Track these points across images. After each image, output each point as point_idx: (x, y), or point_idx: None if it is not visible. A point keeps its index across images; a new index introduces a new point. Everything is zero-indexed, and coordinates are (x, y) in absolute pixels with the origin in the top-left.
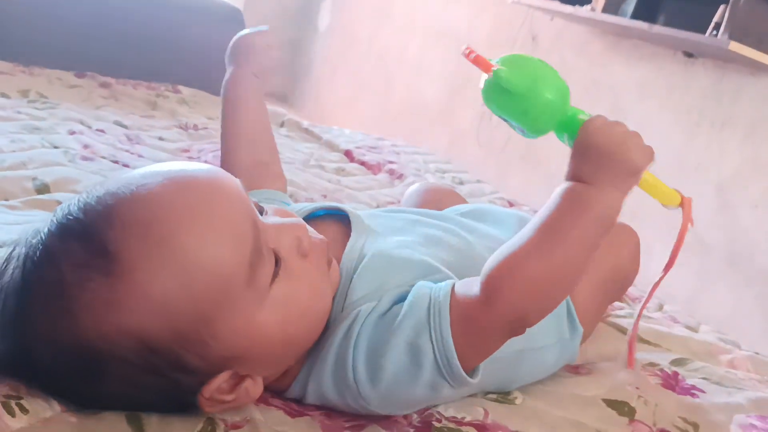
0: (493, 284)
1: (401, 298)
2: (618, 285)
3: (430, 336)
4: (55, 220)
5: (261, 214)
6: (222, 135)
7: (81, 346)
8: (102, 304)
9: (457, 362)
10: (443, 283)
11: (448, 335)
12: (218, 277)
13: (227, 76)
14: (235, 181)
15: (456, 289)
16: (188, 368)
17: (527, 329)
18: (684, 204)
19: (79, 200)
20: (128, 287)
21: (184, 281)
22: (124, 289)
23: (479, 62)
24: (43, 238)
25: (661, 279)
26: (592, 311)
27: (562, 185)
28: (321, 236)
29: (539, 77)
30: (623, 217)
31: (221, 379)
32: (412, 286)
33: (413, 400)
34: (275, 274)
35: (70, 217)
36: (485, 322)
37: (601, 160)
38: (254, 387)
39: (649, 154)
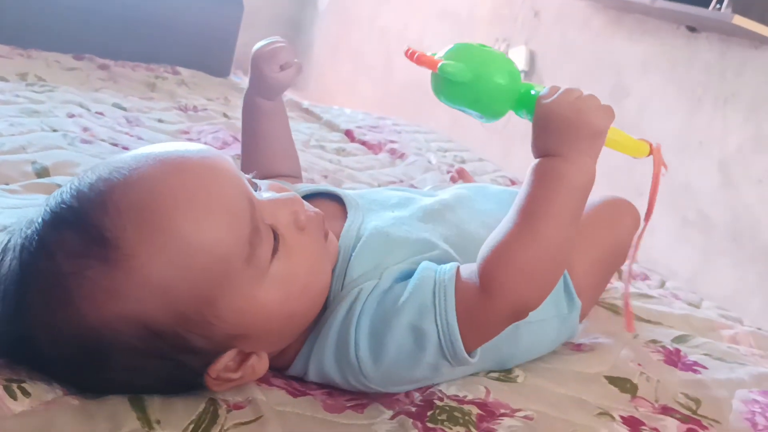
0: (488, 275)
1: (403, 276)
2: (617, 259)
3: (435, 319)
4: (48, 209)
5: (255, 190)
6: (243, 145)
7: (84, 336)
8: (102, 292)
9: (461, 345)
10: (448, 266)
11: (453, 319)
12: (217, 257)
13: (248, 88)
14: (228, 160)
15: (461, 272)
16: (193, 349)
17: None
18: (654, 151)
19: (71, 188)
20: (127, 274)
21: (183, 264)
22: (123, 276)
23: (423, 61)
24: (38, 227)
25: (643, 229)
26: (591, 285)
27: (532, 163)
28: (317, 209)
29: (484, 63)
30: (625, 192)
31: (227, 358)
32: (412, 262)
33: (414, 378)
34: (274, 250)
35: (64, 206)
36: (487, 310)
37: (561, 130)
38: (260, 363)
39: (609, 114)
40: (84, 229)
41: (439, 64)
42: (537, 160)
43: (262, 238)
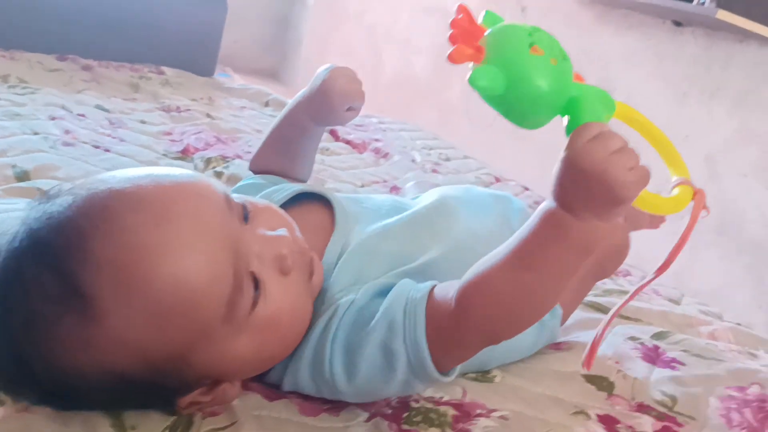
0: (465, 302)
1: (381, 291)
2: (599, 271)
3: (404, 340)
4: (25, 232)
5: (246, 218)
6: (267, 146)
7: (55, 375)
8: (75, 341)
9: (432, 366)
10: (423, 285)
11: (423, 340)
12: (195, 320)
13: (303, 99)
14: (216, 198)
15: (435, 292)
16: (164, 388)
17: None
18: (696, 199)
19: (51, 213)
20: (102, 330)
21: (159, 326)
22: (98, 331)
23: (462, 57)
24: (17, 250)
25: (649, 281)
26: (572, 292)
27: (545, 204)
28: (305, 246)
29: (521, 71)
30: None
31: (197, 392)
32: (391, 276)
33: (387, 394)
34: (254, 302)
35: (42, 234)
36: (457, 334)
37: (580, 187)
38: (232, 389)
39: (638, 182)
40: (61, 278)
41: (469, 75)
42: (550, 204)
43: (243, 293)
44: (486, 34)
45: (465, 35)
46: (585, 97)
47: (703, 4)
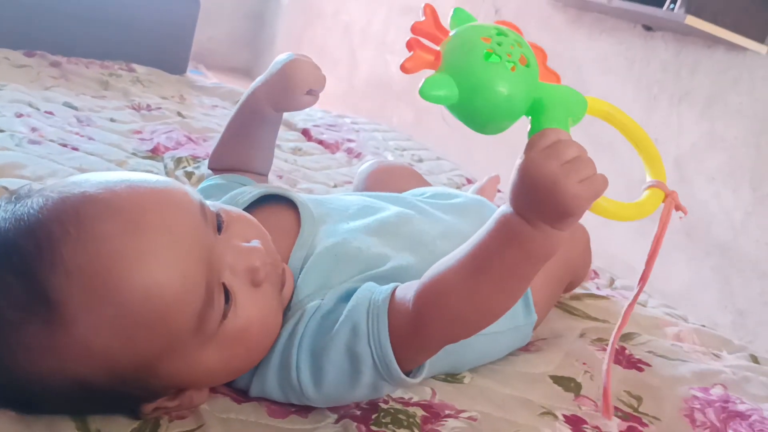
0: (422, 305)
1: (347, 296)
2: (569, 278)
3: (369, 342)
4: None
5: (220, 228)
6: (225, 139)
7: (17, 380)
8: (40, 348)
9: (397, 367)
10: (385, 287)
11: (387, 341)
12: (164, 331)
13: (262, 85)
14: (191, 208)
15: (396, 294)
16: (128, 397)
17: None
18: (667, 201)
19: (20, 215)
20: (68, 338)
21: (126, 336)
22: (63, 338)
23: (418, 63)
24: None
25: (636, 296)
26: (545, 299)
27: (502, 208)
28: (277, 257)
29: (477, 82)
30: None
31: (163, 399)
32: (357, 280)
33: (355, 397)
34: (224, 314)
35: (10, 236)
36: (416, 336)
37: (532, 196)
38: (199, 395)
39: (588, 195)
40: (30, 283)
41: (420, 85)
42: (506, 210)
43: (214, 305)
44: (447, 38)
45: (430, 39)
46: (549, 101)
47: (672, 9)
